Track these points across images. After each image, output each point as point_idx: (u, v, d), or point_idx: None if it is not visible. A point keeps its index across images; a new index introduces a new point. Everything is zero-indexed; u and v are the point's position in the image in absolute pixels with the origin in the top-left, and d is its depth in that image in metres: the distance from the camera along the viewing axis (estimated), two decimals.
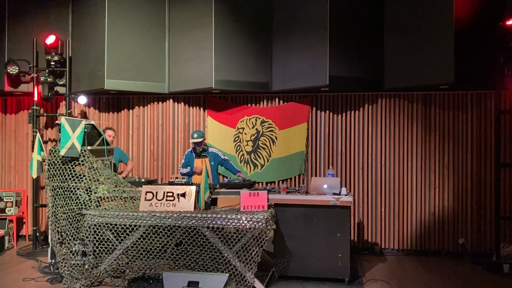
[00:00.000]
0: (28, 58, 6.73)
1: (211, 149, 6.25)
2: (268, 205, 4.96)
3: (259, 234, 4.70)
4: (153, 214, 4.80)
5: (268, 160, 6.92)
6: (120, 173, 6.57)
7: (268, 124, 6.92)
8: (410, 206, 6.54)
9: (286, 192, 5.41)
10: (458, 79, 5.82)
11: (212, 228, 4.74)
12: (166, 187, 5.08)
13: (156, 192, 5.00)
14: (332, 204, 5.04)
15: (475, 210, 6.40)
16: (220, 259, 4.85)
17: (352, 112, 6.73)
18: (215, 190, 5.35)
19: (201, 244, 4.94)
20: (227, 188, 5.38)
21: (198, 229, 4.81)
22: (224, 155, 6.31)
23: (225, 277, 4.02)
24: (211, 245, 4.87)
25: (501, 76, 5.66)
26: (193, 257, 4.94)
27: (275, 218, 4.99)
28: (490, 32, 5.90)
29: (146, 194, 5.01)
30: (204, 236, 4.82)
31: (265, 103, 6.98)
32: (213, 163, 6.16)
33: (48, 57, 6.66)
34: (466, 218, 6.42)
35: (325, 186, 5.18)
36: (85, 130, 5.09)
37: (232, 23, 6.50)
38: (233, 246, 4.78)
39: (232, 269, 4.73)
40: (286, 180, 6.87)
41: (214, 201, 5.25)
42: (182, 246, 4.97)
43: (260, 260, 4.74)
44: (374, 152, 6.66)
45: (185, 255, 4.94)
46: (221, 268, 4.80)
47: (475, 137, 6.43)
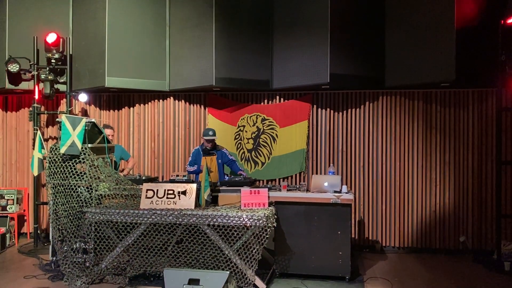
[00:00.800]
0: (28, 56, 6.72)
1: (219, 147, 6.30)
2: (268, 202, 4.97)
3: (259, 231, 4.70)
4: (153, 211, 4.80)
5: (269, 158, 6.92)
6: (121, 170, 6.58)
7: (269, 122, 6.91)
8: (411, 204, 6.54)
9: (287, 190, 5.40)
10: (459, 77, 5.81)
11: (213, 226, 4.75)
12: (167, 184, 5.09)
13: (157, 190, 5.01)
14: (333, 201, 5.03)
15: (476, 208, 6.39)
16: (220, 256, 4.85)
17: (353, 109, 6.73)
18: (216, 188, 5.35)
19: (202, 242, 4.94)
20: (227, 186, 5.38)
21: (199, 227, 4.82)
22: (231, 155, 6.32)
23: (226, 274, 4.02)
24: (212, 243, 4.87)
25: (502, 73, 5.65)
26: (193, 255, 4.94)
27: (275, 216, 4.99)
28: (491, 29, 5.89)
29: (147, 192, 5.02)
30: (205, 233, 4.83)
31: (266, 100, 6.98)
32: (220, 161, 6.20)
33: (49, 55, 6.65)
34: (467, 216, 6.42)
35: (325, 184, 5.18)
36: (86, 128, 5.09)
37: (233, 21, 6.49)
38: (234, 243, 4.78)
39: (232, 266, 4.73)
40: (287, 178, 6.86)
41: (215, 199, 5.25)
42: (183, 244, 4.97)
43: (260, 257, 4.74)
44: (375, 149, 6.65)
45: (185, 252, 4.94)
46: (221, 266, 4.81)
47: (476, 134, 6.42)
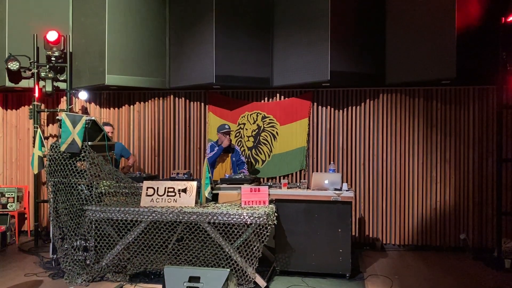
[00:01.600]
0: (28, 54, 6.71)
1: (233, 145, 6.44)
2: (269, 200, 4.97)
3: (260, 229, 4.70)
4: (154, 209, 4.80)
5: (269, 156, 6.91)
6: (122, 168, 6.58)
7: (269, 119, 6.91)
8: (412, 202, 6.54)
9: (287, 188, 5.40)
10: (460, 74, 5.79)
11: (213, 223, 4.75)
12: (167, 182, 5.09)
13: (157, 188, 5.01)
14: (333, 199, 5.03)
15: (477, 205, 6.39)
16: (221, 254, 4.85)
17: (354, 107, 6.72)
18: (216, 186, 5.35)
19: (202, 240, 4.94)
20: (228, 184, 5.38)
21: (199, 225, 4.82)
22: (243, 155, 6.45)
23: (226, 272, 4.01)
24: (212, 241, 4.87)
25: (503, 71, 5.63)
26: (194, 253, 4.94)
27: (276, 214, 4.99)
28: (492, 27, 5.87)
29: (147, 190, 5.02)
30: (205, 231, 4.83)
31: (266, 98, 6.97)
32: (234, 159, 6.30)
33: (49, 53, 6.64)
34: (467, 213, 6.41)
35: (326, 182, 5.18)
36: (86, 126, 5.09)
37: (233, 18, 6.47)
38: (234, 241, 4.78)
39: (233, 264, 4.74)
40: (287, 175, 6.86)
41: (215, 197, 5.25)
42: (183, 242, 4.98)
43: (261, 255, 4.74)
44: (376, 147, 6.64)
45: (186, 250, 4.94)
46: (222, 264, 4.81)
47: (477, 132, 6.41)
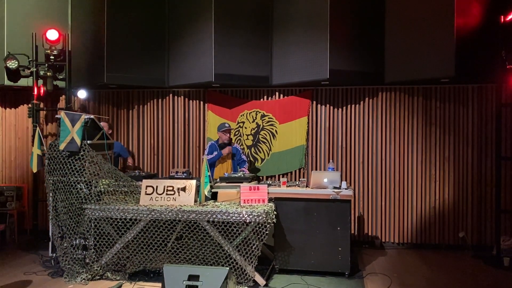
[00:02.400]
0: (27, 52, 6.70)
1: (235, 144, 6.44)
2: (268, 199, 4.97)
3: (259, 228, 4.71)
4: (153, 208, 4.80)
5: (268, 154, 6.91)
6: (123, 168, 6.58)
7: (269, 118, 6.91)
8: (411, 200, 6.54)
9: (287, 186, 5.40)
10: (458, 73, 5.78)
11: (213, 222, 4.75)
12: (166, 181, 5.09)
13: (157, 186, 5.01)
14: (332, 198, 5.04)
15: (476, 203, 6.40)
16: (220, 253, 4.86)
17: (353, 105, 6.72)
18: (216, 184, 5.35)
19: (202, 238, 4.95)
20: (227, 182, 5.38)
21: (198, 223, 4.82)
22: (244, 153, 6.43)
23: (226, 270, 4.02)
24: (212, 239, 4.88)
25: (502, 69, 5.63)
26: (193, 251, 4.95)
27: (275, 212, 4.99)
28: (491, 25, 5.86)
29: (146, 188, 5.02)
30: (205, 230, 4.83)
31: (265, 97, 6.97)
32: (235, 158, 6.25)
33: (48, 51, 6.63)
34: (466, 211, 6.42)
35: (325, 180, 5.18)
36: (85, 125, 5.09)
37: (232, 16, 6.46)
38: (234, 240, 4.79)
39: (232, 262, 4.75)
40: (287, 174, 6.86)
41: (214, 195, 5.26)
42: (182, 240, 4.98)
43: (260, 253, 4.75)
44: (375, 145, 6.65)
45: (185, 249, 4.95)
46: (221, 262, 4.81)
47: (475, 130, 6.42)
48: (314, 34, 6.18)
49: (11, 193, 7.00)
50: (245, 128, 6.97)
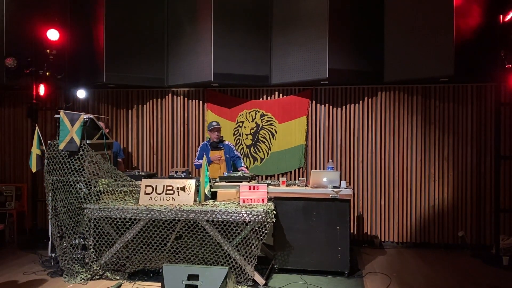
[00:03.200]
0: (26, 52, 6.68)
1: (226, 142, 6.39)
2: (267, 198, 4.97)
3: (258, 227, 4.71)
4: (152, 208, 4.80)
5: (267, 154, 6.91)
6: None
7: (268, 117, 6.90)
8: (410, 199, 6.55)
9: (286, 186, 5.41)
10: (458, 72, 5.79)
11: (212, 221, 4.75)
12: (165, 180, 5.09)
13: (156, 186, 5.01)
14: (332, 197, 5.04)
15: (475, 202, 6.40)
16: (220, 252, 4.86)
17: (352, 105, 6.72)
18: (215, 184, 5.35)
19: (201, 238, 4.95)
20: (226, 182, 5.38)
21: (198, 223, 4.82)
22: (237, 151, 6.37)
23: (225, 270, 4.02)
24: (211, 239, 4.88)
25: (501, 68, 5.63)
26: (193, 251, 4.95)
27: (274, 212, 4.99)
28: (490, 24, 5.87)
29: (145, 188, 5.02)
30: (204, 229, 4.83)
31: (264, 96, 6.97)
32: (228, 155, 6.23)
33: (47, 51, 6.61)
34: (465, 210, 6.43)
35: (324, 179, 5.18)
36: (84, 124, 5.09)
37: (232, 16, 6.46)
38: (233, 239, 4.79)
39: (232, 262, 4.75)
40: (286, 173, 6.87)
41: (213, 195, 5.26)
42: (182, 240, 4.98)
43: (260, 253, 4.75)
44: (374, 145, 6.65)
45: (185, 248, 4.95)
46: (221, 262, 4.82)
47: (475, 129, 6.42)
48: (314, 33, 6.18)
49: (10, 192, 6.99)
50: (245, 127, 6.97)
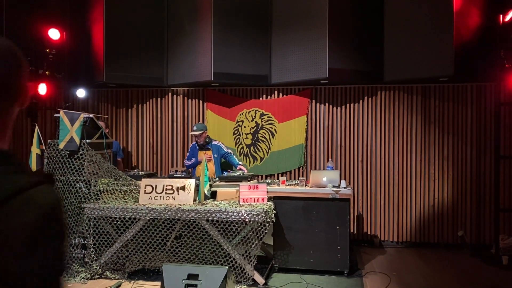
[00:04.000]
0: (26, 51, 6.66)
1: (214, 142, 6.21)
2: (267, 197, 4.97)
3: (258, 227, 4.71)
4: (152, 207, 4.80)
5: (267, 153, 6.91)
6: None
7: (268, 117, 6.90)
8: (410, 199, 6.55)
9: (286, 185, 5.41)
10: (458, 71, 5.80)
11: (212, 221, 4.75)
12: (165, 180, 5.09)
13: (156, 185, 5.01)
14: (332, 196, 5.04)
15: (475, 202, 6.40)
16: (219, 252, 4.86)
17: (352, 104, 6.72)
18: (215, 183, 5.35)
19: (201, 237, 4.95)
20: (226, 181, 5.37)
21: (198, 222, 4.82)
22: (227, 148, 6.28)
23: (225, 269, 4.03)
24: (211, 238, 4.88)
25: (501, 68, 5.64)
26: (192, 250, 4.95)
27: (274, 211, 4.99)
28: (490, 24, 5.87)
29: (145, 187, 5.02)
30: (204, 229, 4.83)
31: (264, 96, 6.96)
32: (216, 155, 6.13)
33: (47, 50, 6.61)
34: (465, 210, 6.43)
35: (324, 179, 5.18)
36: (84, 124, 5.08)
37: (231, 15, 6.46)
38: (233, 239, 4.79)
39: (231, 261, 4.75)
40: (286, 173, 6.87)
41: (213, 194, 5.25)
42: (181, 239, 4.98)
43: (259, 252, 4.75)
44: (374, 144, 6.65)
45: (184, 248, 4.95)
46: (220, 261, 4.82)
47: (474, 129, 6.42)
48: (313, 33, 6.18)
49: None
50: (244, 127, 6.97)
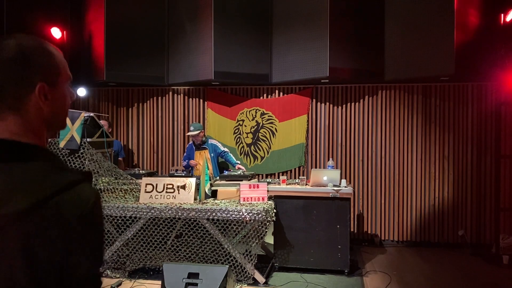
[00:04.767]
0: None
1: (211, 141, 6.27)
2: (268, 197, 4.97)
3: (259, 225, 4.71)
4: (153, 206, 4.81)
5: (268, 152, 6.91)
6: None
7: (268, 116, 6.90)
8: (410, 198, 6.55)
9: (286, 184, 5.41)
10: (458, 71, 5.79)
11: (212, 220, 4.76)
12: (166, 179, 5.09)
13: (156, 184, 5.01)
14: (332, 196, 5.04)
15: (475, 201, 6.40)
16: (220, 250, 4.86)
17: (352, 103, 6.72)
18: (215, 182, 5.36)
19: (201, 236, 4.95)
20: (227, 180, 5.38)
21: (198, 221, 4.82)
22: (224, 146, 6.32)
23: (225, 268, 4.03)
24: (211, 237, 4.88)
25: (502, 67, 5.63)
26: (193, 249, 4.95)
27: (275, 210, 4.99)
28: (491, 23, 5.87)
29: (146, 186, 5.02)
30: (204, 228, 4.84)
31: (265, 95, 6.96)
32: (212, 154, 6.17)
33: None
34: (466, 209, 6.43)
35: (325, 178, 5.18)
36: (85, 122, 5.09)
37: (232, 14, 6.45)
38: (233, 238, 4.79)
39: (232, 260, 4.75)
40: (286, 172, 6.87)
41: (213, 193, 5.26)
42: (182, 238, 4.99)
43: (260, 251, 4.75)
44: (374, 144, 6.65)
45: (185, 246, 4.95)
46: (221, 260, 4.82)
47: (475, 128, 6.42)
48: (314, 32, 6.17)
49: None
50: (245, 126, 6.97)
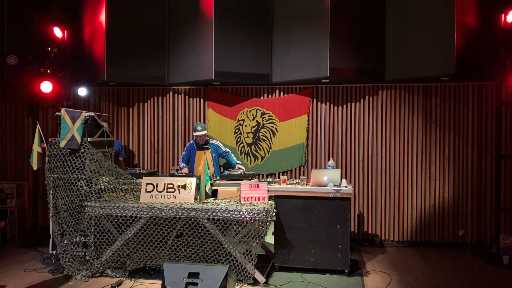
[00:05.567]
0: (27, 49, 6.67)
1: (212, 141, 6.32)
2: (268, 196, 4.98)
3: (259, 225, 4.71)
4: (153, 205, 4.81)
5: (268, 152, 6.91)
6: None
7: (269, 116, 6.91)
8: (410, 198, 6.55)
9: (287, 184, 5.41)
10: (459, 71, 5.78)
11: (213, 219, 4.76)
12: (166, 178, 5.10)
13: (157, 184, 5.02)
14: (332, 195, 5.04)
15: (476, 201, 6.40)
16: (220, 250, 4.87)
17: (353, 103, 6.72)
18: (216, 182, 5.36)
19: (202, 236, 4.96)
20: (227, 180, 5.39)
21: (199, 221, 4.83)
22: (225, 147, 6.36)
23: (226, 268, 4.03)
24: (212, 237, 4.89)
25: (502, 67, 5.63)
26: (193, 249, 4.96)
27: (275, 210, 5.00)
28: (492, 23, 5.86)
29: (146, 186, 5.03)
30: (205, 227, 4.84)
31: (265, 95, 6.96)
32: (214, 154, 6.21)
33: (49, 49, 6.61)
34: (466, 209, 6.43)
35: (325, 178, 5.18)
36: (85, 122, 5.09)
37: (233, 14, 6.45)
38: (234, 237, 4.80)
39: (232, 260, 4.76)
40: (287, 172, 6.87)
41: (214, 193, 5.26)
42: (182, 238, 4.99)
43: (260, 251, 4.75)
44: (375, 143, 6.65)
45: (185, 246, 4.96)
46: (221, 260, 4.83)
47: (475, 128, 6.42)
48: (315, 32, 6.17)
49: (11, 190, 7.01)
50: (245, 126, 6.97)
